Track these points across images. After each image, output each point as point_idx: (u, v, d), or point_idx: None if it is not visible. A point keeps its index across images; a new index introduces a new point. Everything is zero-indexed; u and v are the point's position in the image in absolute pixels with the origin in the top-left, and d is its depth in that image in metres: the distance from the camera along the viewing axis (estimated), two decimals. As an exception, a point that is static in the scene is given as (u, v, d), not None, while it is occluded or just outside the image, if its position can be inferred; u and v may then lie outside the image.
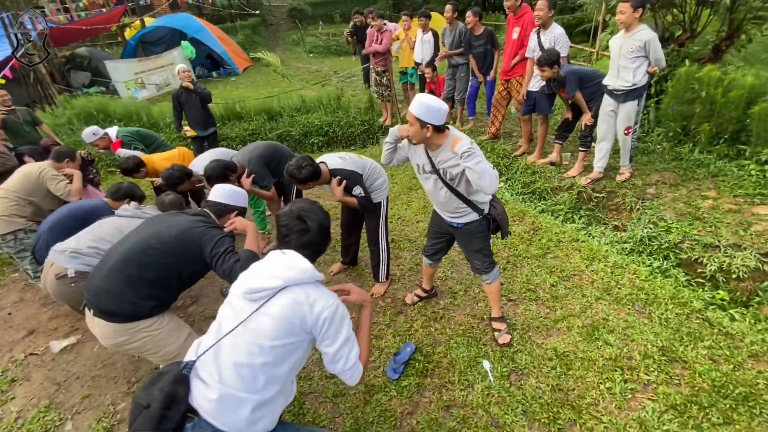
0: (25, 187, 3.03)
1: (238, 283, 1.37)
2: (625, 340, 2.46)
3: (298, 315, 1.24)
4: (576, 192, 3.94)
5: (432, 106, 1.90)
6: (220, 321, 1.33)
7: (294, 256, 1.34)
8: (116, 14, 12.08)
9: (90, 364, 2.78)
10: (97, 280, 1.76)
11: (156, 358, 1.85)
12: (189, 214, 1.94)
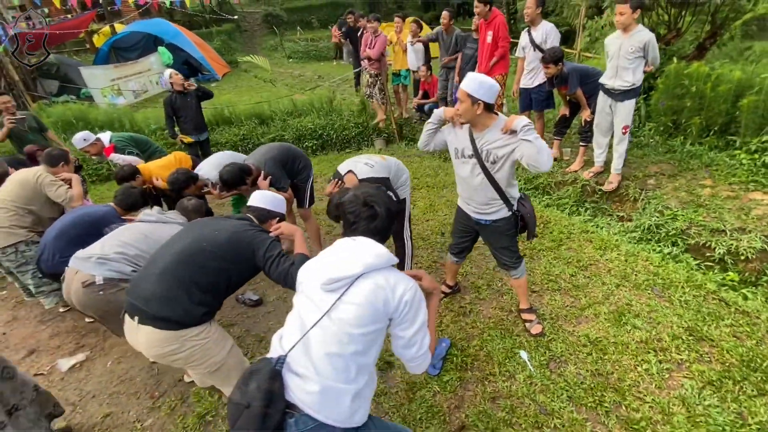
0: (23, 196, 2.84)
1: (311, 276, 1.32)
2: (651, 323, 2.55)
3: (381, 299, 1.22)
4: (580, 185, 4.07)
5: (485, 83, 1.92)
6: (300, 315, 1.29)
7: (368, 242, 1.31)
8: (86, 20, 11.56)
9: (105, 381, 2.62)
10: (147, 285, 1.66)
11: (200, 369, 1.76)
12: (234, 219, 1.87)
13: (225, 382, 1.83)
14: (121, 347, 2.91)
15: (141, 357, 2.78)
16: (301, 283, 1.36)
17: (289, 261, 1.72)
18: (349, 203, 1.38)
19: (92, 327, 3.14)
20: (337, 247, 1.36)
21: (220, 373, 1.79)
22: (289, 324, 1.31)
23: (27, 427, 2.04)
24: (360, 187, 1.46)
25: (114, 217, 2.71)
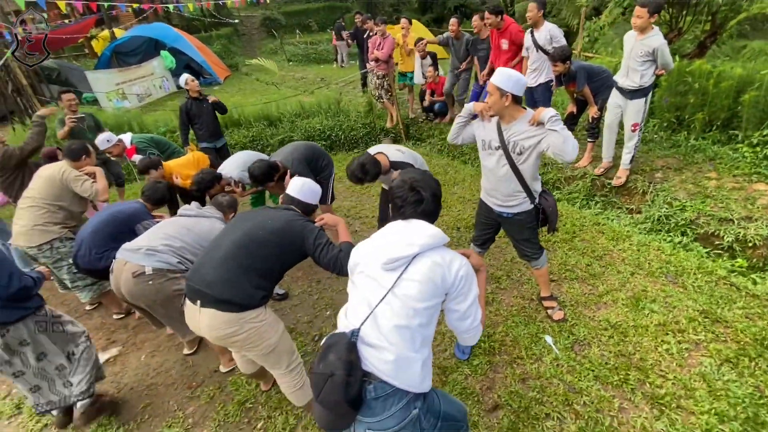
0: (52, 193, 2.88)
1: (368, 258, 1.41)
2: (668, 307, 2.67)
3: (439, 275, 1.31)
4: (590, 180, 4.20)
5: (512, 76, 2.04)
6: (364, 293, 1.38)
7: (421, 224, 1.41)
8: (86, 25, 11.60)
9: (141, 374, 2.69)
10: (209, 270, 1.75)
11: (255, 351, 1.85)
12: (282, 209, 1.96)
13: (276, 364, 1.92)
14: (152, 341, 2.98)
15: (174, 350, 2.86)
16: (357, 264, 1.45)
17: (337, 248, 1.82)
18: (396, 188, 1.47)
19: (121, 323, 3.21)
20: (391, 229, 1.45)
21: (273, 355, 1.87)
22: (353, 301, 1.41)
23: (81, 371, 2.23)
24: (407, 172, 1.54)
25: (144, 214, 2.78)
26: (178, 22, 16.08)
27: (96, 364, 2.36)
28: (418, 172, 1.51)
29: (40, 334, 2.09)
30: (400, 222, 1.46)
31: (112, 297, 3.21)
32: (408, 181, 1.45)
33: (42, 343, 2.10)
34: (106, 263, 2.61)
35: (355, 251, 1.49)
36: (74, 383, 2.24)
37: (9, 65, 6.61)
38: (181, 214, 2.52)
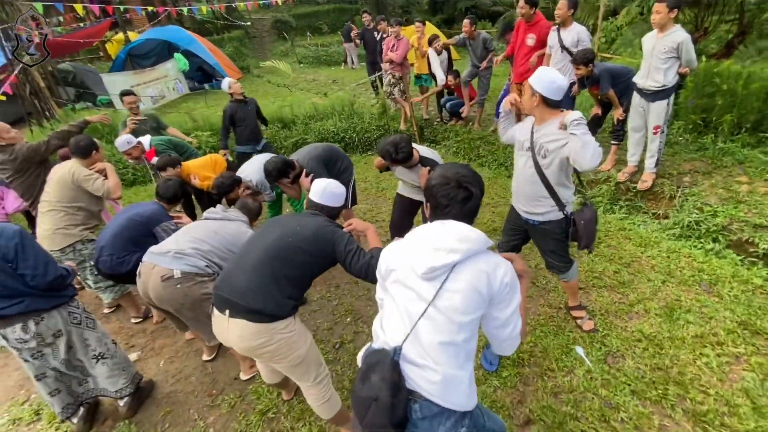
0: (67, 195, 2.86)
1: (402, 264, 1.28)
2: (704, 318, 2.56)
3: (483, 283, 1.20)
4: (614, 184, 4.08)
5: (545, 77, 1.97)
6: (402, 305, 1.27)
7: (461, 227, 1.26)
8: (102, 28, 11.74)
9: (160, 381, 2.65)
10: (239, 278, 1.70)
11: (284, 363, 1.79)
12: (310, 215, 1.91)
13: (304, 376, 1.86)
14: (171, 347, 2.95)
15: (193, 356, 2.82)
16: (391, 271, 1.32)
17: (368, 255, 1.76)
18: (440, 186, 1.29)
19: (139, 328, 3.19)
20: (426, 232, 1.30)
21: (301, 366, 1.81)
22: (390, 314, 1.31)
23: (108, 375, 2.25)
24: (447, 167, 1.35)
25: (162, 215, 2.75)
26: (191, 25, 16.23)
27: (127, 362, 2.40)
28: (458, 166, 1.34)
29: (73, 327, 2.10)
30: (436, 224, 1.30)
31: (131, 299, 3.20)
32: (453, 177, 1.28)
33: (72, 338, 2.11)
34: (128, 267, 2.59)
35: (387, 255, 1.36)
36: (105, 383, 2.26)
37: (27, 68, 6.68)
38: (206, 217, 2.48)
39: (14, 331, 1.93)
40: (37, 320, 1.96)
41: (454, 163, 1.37)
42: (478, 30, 5.52)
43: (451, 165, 1.35)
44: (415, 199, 2.97)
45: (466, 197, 1.28)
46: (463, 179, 1.28)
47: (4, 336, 1.96)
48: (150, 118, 4.57)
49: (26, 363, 2.07)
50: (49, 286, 1.93)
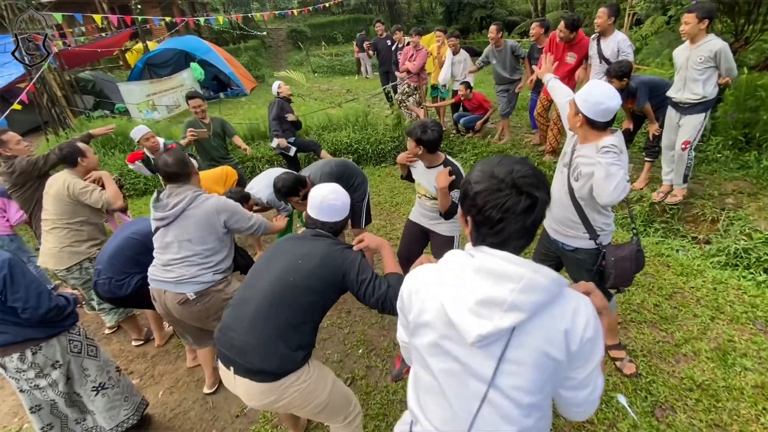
0: (67, 211, 2.71)
1: (442, 316, 0.92)
2: (763, 364, 2.25)
3: (560, 346, 0.87)
4: (648, 204, 3.79)
5: (593, 96, 1.74)
6: (450, 387, 0.94)
7: (523, 267, 0.84)
8: (122, 38, 11.94)
9: (159, 414, 2.46)
10: (239, 335, 1.49)
11: (305, 412, 1.61)
12: (310, 238, 1.65)
13: (331, 418, 1.69)
14: (171, 375, 2.76)
15: (194, 387, 2.63)
16: (422, 327, 0.96)
17: (385, 285, 1.53)
18: (489, 192, 0.86)
19: (140, 351, 3.02)
20: (467, 268, 0.89)
21: (325, 411, 1.62)
22: (432, 392, 0.98)
23: (108, 408, 2.09)
24: (495, 162, 0.91)
25: None
26: (208, 35, 16.51)
27: (131, 390, 2.23)
28: (511, 160, 0.91)
29: (72, 356, 1.95)
30: (481, 256, 0.89)
31: (134, 322, 3.04)
32: (507, 178, 0.86)
33: (71, 367, 1.96)
34: (127, 291, 2.42)
35: (412, 295, 0.99)
36: (102, 419, 2.10)
37: (45, 77, 6.73)
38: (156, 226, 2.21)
39: (12, 360, 1.81)
40: (34, 350, 1.82)
41: (504, 157, 0.93)
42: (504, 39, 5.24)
43: (501, 159, 0.92)
44: (425, 227, 2.71)
45: (528, 207, 0.85)
46: (524, 181, 0.86)
47: (3, 365, 1.84)
48: (215, 121, 4.32)
49: (22, 394, 1.93)
50: (43, 318, 1.79)
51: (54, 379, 1.90)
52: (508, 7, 17.83)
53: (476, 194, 0.89)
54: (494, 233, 0.89)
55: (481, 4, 16.77)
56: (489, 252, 0.89)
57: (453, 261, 0.94)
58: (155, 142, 3.82)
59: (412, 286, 1.01)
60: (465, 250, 0.95)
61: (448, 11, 18.16)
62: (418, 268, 1.05)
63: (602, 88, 1.75)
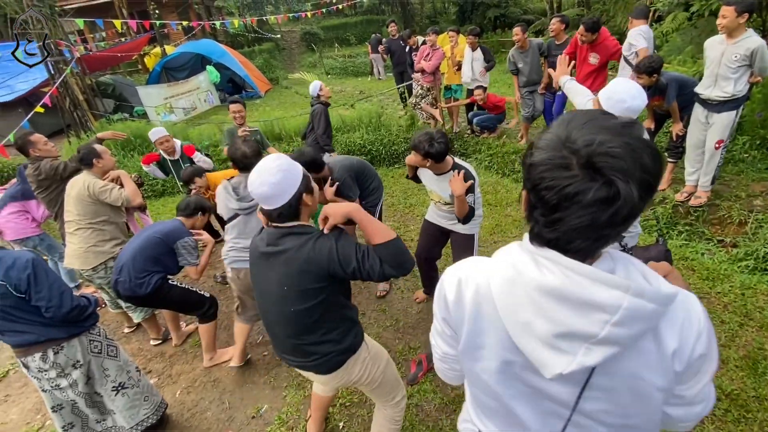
0: (90, 211, 2.78)
1: (503, 344, 0.76)
2: (797, 374, 2.15)
3: (660, 374, 0.69)
4: (671, 206, 3.68)
5: (617, 93, 1.68)
6: (524, 411, 0.81)
7: (615, 289, 0.61)
8: (141, 42, 12.22)
9: (176, 413, 2.49)
10: (287, 354, 1.56)
11: (367, 386, 1.68)
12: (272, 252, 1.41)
13: (384, 394, 1.75)
14: (188, 375, 2.79)
15: (211, 387, 2.65)
16: (478, 350, 0.81)
17: (377, 263, 1.32)
18: (550, 166, 0.62)
19: (158, 350, 3.06)
20: (534, 289, 0.66)
21: (382, 386, 1.70)
22: (499, 413, 0.86)
23: (129, 407, 2.13)
24: (573, 120, 0.64)
25: (182, 231, 2.63)
26: (224, 38, 16.78)
27: (151, 390, 2.26)
28: (598, 120, 0.62)
29: (93, 356, 1.99)
30: (552, 267, 0.65)
31: (153, 321, 3.08)
32: (583, 150, 0.59)
33: (91, 367, 2.00)
34: (147, 290, 2.47)
35: (464, 311, 0.80)
36: (122, 418, 2.13)
37: (67, 81, 6.93)
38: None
39: (34, 360, 1.85)
40: (56, 349, 1.87)
41: (600, 116, 0.64)
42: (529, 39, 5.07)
43: (594, 118, 0.63)
44: (444, 227, 2.68)
45: (603, 200, 0.58)
46: (605, 161, 0.57)
47: (25, 364, 1.88)
48: (254, 133, 4.33)
49: (44, 393, 1.98)
50: (65, 318, 1.83)
51: (75, 379, 1.94)
52: (522, 6, 17.59)
53: (531, 165, 0.64)
54: (548, 223, 0.64)
55: (495, 3, 16.59)
56: (563, 263, 0.64)
57: (510, 265, 0.71)
58: (171, 145, 3.88)
59: (457, 293, 0.81)
60: (524, 248, 0.71)
61: (461, 11, 18.03)
62: (460, 266, 0.84)
63: (626, 86, 1.69)
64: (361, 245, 1.36)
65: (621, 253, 0.71)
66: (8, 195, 3.59)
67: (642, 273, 0.67)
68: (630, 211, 0.59)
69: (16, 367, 3.08)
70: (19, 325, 1.80)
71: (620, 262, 0.69)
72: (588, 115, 0.64)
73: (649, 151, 0.60)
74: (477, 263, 0.82)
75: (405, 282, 3.46)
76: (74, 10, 9.74)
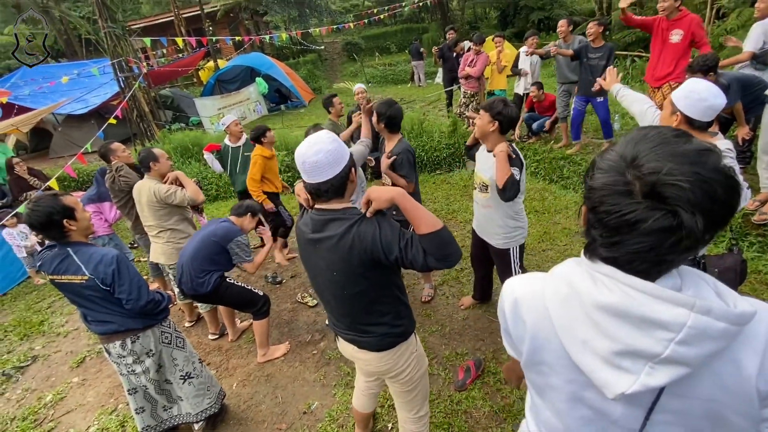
0: (163, 215, 3.01)
1: (563, 362, 0.74)
2: None
3: (740, 399, 0.64)
4: (740, 215, 3.41)
5: (694, 92, 1.63)
6: (580, 430, 0.78)
7: (679, 306, 0.59)
8: (197, 57, 13.11)
9: (233, 405, 2.64)
10: (344, 331, 1.61)
11: (398, 386, 1.68)
12: (317, 238, 1.41)
13: (414, 402, 1.73)
14: (243, 369, 2.95)
15: (264, 383, 2.78)
16: (538, 365, 0.80)
17: (421, 253, 1.27)
18: (610, 191, 0.61)
19: (216, 345, 3.25)
20: (592, 306, 0.65)
21: (416, 391, 1.69)
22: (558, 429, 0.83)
23: (194, 395, 2.28)
24: (653, 143, 0.60)
25: (234, 232, 2.78)
26: (270, 51, 17.64)
27: (212, 381, 2.42)
28: (670, 143, 0.60)
29: (163, 346, 2.17)
30: (610, 284, 0.65)
31: (213, 315, 3.28)
32: (649, 177, 0.58)
33: (162, 356, 2.18)
34: (208, 288, 2.64)
35: (523, 326, 0.80)
36: (189, 405, 2.29)
37: (135, 94, 7.58)
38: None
39: (114, 346, 2.05)
40: (133, 339, 2.05)
41: (673, 138, 0.61)
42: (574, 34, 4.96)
43: (665, 141, 0.60)
44: (482, 238, 2.64)
45: (664, 230, 0.57)
46: (671, 190, 0.56)
47: (107, 350, 2.09)
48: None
49: (122, 377, 2.18)
50: (142, 310, 2.00)
51: (147, 366, 2.12)
52: (568, 8, 17.05)
53: (591, 189, 0.64)
54: (606, 244, 0.64)
55: (539, 6, 16.21)
56: (621, 279, 0.63)
57: (565, 282, 0.71)
58: (240, 129, 4.14)
59: (514, 311, 0.81)
60: (580, 264, 0.71)
61: (503, 15, 17.78)
62: (518, 282, 0.85)
63: (706, 85, 1.63)
64: (404, 232, 1.31)
65: (691, 269, 0.68)
66: (87, 197, 3.98)
67: (715, 290, 0.65)
68: (693, 243, 0.58)
69: (92, 354, 3.39)
70: (104, 315, 2.00)
71: (689, 278, 0.66)
72: (660, 136, 0.61)
73: (725, 183, 0.57)
74: (533, 279, 0.82)
75: (450, 288, 3.46)
76: (140, 29, 10.71)
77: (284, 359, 2.94)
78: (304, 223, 1.47)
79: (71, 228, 1.89)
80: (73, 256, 1.89)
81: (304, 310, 3.50)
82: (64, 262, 1.89)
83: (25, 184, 5.20)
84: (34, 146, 11.28)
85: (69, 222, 1.87)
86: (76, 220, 1.90)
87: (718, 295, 0.64)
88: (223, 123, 4.12)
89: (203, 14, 14.73)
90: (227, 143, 4.13)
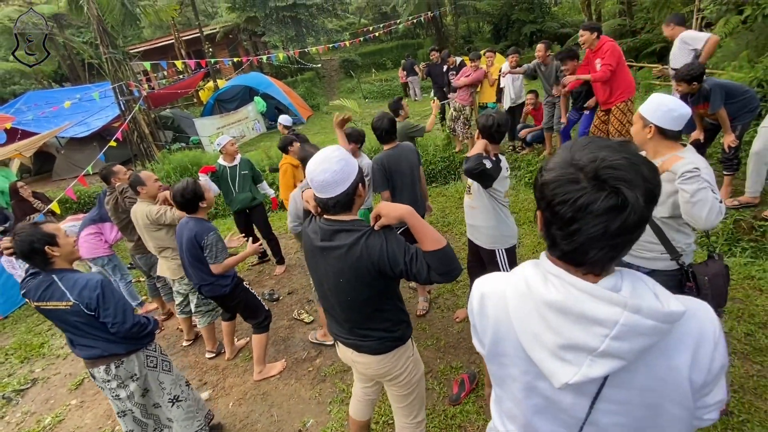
0: (160, 235, 3.07)
1: (517, 353, 0.82)
2: None
3: (675, 390, 0.72)
4: (732, 221, 3.44)
5: (663, 105, 1.68)
6: (538, 420, 0.84)
7: (613, 305, 0.67)
8: (197, 79, 13.39)
9: (228, 424, 2.64)
10: (345, 339, 1.65)
11: (396, 390, 1.70)
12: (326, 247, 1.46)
13: (412, 407, 1.75)
14: (240, 387, 2.95)
15: (260, 401, 2.78)
16: (500, 357, 0.87)
17: (425, 268, 1.34)
18: (561, 182, 0.68)
19: (213, 364, 3.26)
20: (542, 304, 0.74)
21: (413, 395, 1.72)
22: (515, 420, 0.91)
23: (184, 418, 2.26)
24: (581, 144, 0.71)
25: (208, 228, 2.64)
26: (269, 70, 17.97)
27: (200, 404, 2.42)
28: (604, 143, 0.70)
29: (149, 370, 2.17)
30: (558, 283, 0.73)
31: (211, 332, 3.30)
32: (588, 165, 0.66)
33: (148, 380, 2.17)
34: (225, 290, 2.70)
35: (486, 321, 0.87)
36: (180, 428, 2.28)
37: (135, 116, 7.74)
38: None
39: (99, 371, 2.05)
40: (117, 363, 2.05)
41: (597, 138, 0.72)
42: (551, 55, 5.19)
43: (590, 141, 0.71)
44: (482, 247, 2.66)
45: (612, 208, 0.64)
46: (610, 172, 0.65)
47: (93, 375, 2.10)
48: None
49: (110, 400, 2.18)
50: (127, 333, 2.00)
51: (132, 390, 2.11)
52: (559, 20, 17.38)
53: (544, 185, 0.71)
54: (565, 236, 0.69)
55: (531, 19, 16.55)
56: (566, 279, 0.71)
57: (523, 281, 0.78)
58: (236, 149, 4.22)
59: (480, 305, 0.89)
60: (539, 264, 0.79)
61: (496, 29, 18.13)
62: (485, 279, 0.93)
63: (670, 98, 1.70)
64: (409, 247, 1.38)
65: (633, 272, 0.75)
66: (89, 218, 4.04)
67: (654, 291, 0.71)
68: (639, 218, 0.65)
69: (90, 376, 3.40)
70: (89, 340, 2.00)
71: (628, 279, 0.72)
72: (586, 140, 0.72)
73: (647, 163, 0.68)
74: (499, 277, 0.90)
75: (445, 301, 3.47)
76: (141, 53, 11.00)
77: (280, 377, 2.94)
78: (312, 230, 1.53)
79: (54, 254, 1.91)
80: (57, 282, 1.92)
81: (300, 327, 3.51)
82: (49, 288, 1.91)
83: (29, 208, 5.28)
84: (38, 169, 11.47)
85: (51, 248, 1.90)
86: (59, 246, 1.93)
87: (656, 295, 0.70)
88: (218, 143, 4.18)
89: (203, 36, 15.09)
90: (222, 163, 4.19)
